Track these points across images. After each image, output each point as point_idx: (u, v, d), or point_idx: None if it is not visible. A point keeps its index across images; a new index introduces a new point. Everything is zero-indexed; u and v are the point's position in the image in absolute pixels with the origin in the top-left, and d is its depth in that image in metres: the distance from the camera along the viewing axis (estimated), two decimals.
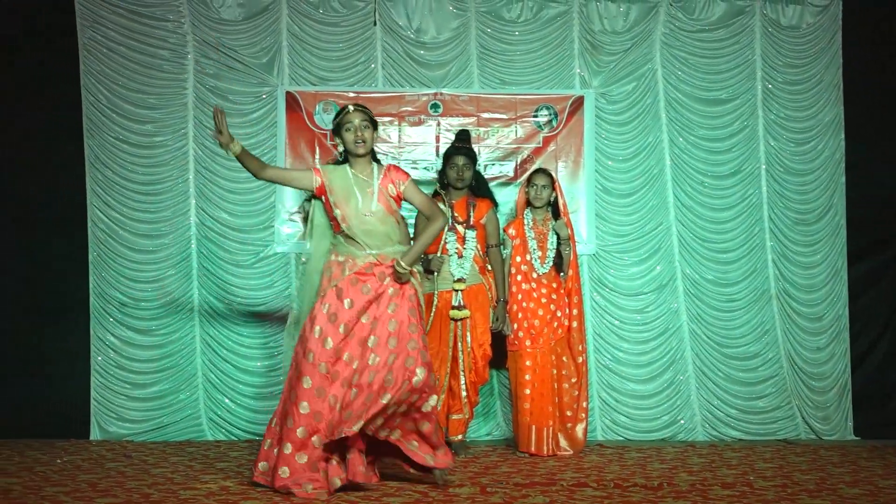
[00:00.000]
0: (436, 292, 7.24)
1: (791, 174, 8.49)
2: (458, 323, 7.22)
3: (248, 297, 8.18)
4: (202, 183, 8.18)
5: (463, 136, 7.45)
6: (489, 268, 7.36)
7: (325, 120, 8.21)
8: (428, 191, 7.77)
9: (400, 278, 5.78)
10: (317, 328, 5.66)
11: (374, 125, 5.99)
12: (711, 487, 5.75)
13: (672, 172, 8.42)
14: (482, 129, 8.23)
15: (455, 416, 7.28)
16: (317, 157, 8.19)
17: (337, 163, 6.09)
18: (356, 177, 5.90)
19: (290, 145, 8.20)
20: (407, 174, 6.03)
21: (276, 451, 5.61)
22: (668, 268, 8.39)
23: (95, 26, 8.13)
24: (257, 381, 8.14)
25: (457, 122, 8.20)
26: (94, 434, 7.95)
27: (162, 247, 8.16)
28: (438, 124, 8.29)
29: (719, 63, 8.49)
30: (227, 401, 8.09)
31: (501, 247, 7.38)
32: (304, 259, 6.71)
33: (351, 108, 5.93)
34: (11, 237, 8.08)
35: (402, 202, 6.01)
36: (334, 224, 5.89)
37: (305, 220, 8.04)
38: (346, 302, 5.69)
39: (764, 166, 8.47)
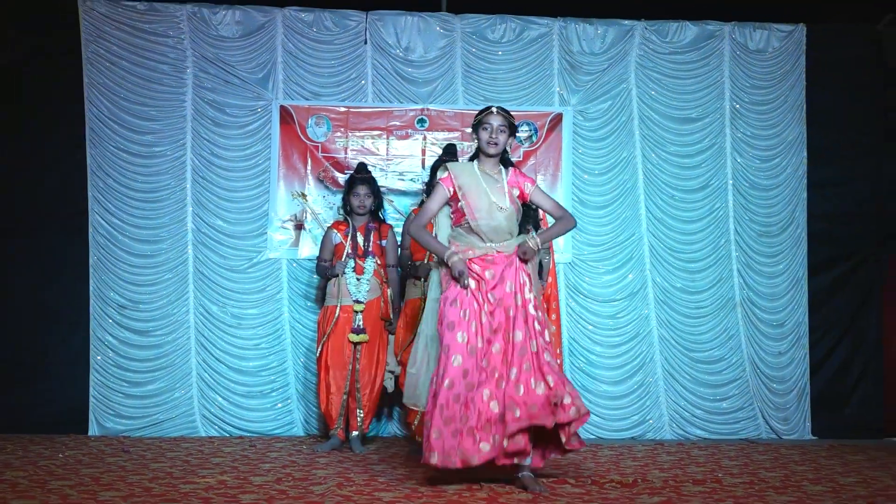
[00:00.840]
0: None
1: (756, 189, 8.53)
2: None
3: (241, 300, 8.17)
4: (199, 191, 8.15)
5: (450, 150, 7.44)
6: None
7: (316, 133, 8.21)
8: (414, 202, 7.82)
9: (527, 253, 5.72)
10: None
11: (513, 131, 5.84)
12: (683, 484, 5.76)
13: (644, 186, 8.45)
14: (466, 144, 8.21)
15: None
16: (308, 167, 8.19)
17: (469, 159, 5.99)
18: (484, 174, 5.80)
19: (283, 156, 8.19)
20: (533, 179, 5.99)
21: None
22: (639, 276, 8.41)
23: (99, 41, 8.11)
24: (249, 381, 8.12)
25: (442, 137, 8.21)
26: (93, 430, 7.91)
27: (160, 252, 8.13)
28: (425, 138, 8.29)
29: (690, 83, 8.53)
30: (219, 399, 8.05)
31: None
32: None
33: (494, 109, 5.80)
34: (16, 241, 8.05)
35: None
36: (456, 216, 5.82)
37: (297, 227, 8.07)
38: None
39: (731, 181, 8.51)
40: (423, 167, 8.16)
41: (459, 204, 5.75)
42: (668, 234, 8.44)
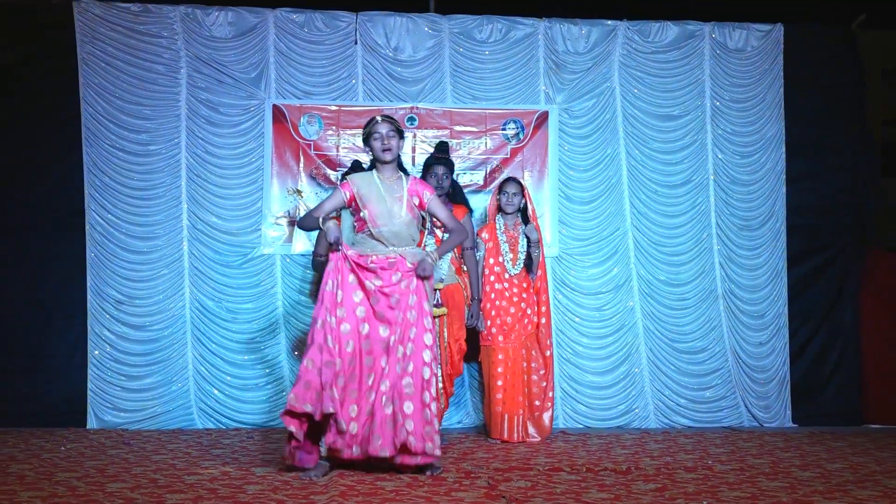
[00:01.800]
0: None
1: (736, 184, 8.53)
2: (437, 320, 7.16)
3: (236, 295, 8.10)
4: (193, 188, 8.08)
5: (442, 148, 7.43)
6: (464, 269, 7.31)
7: (308, 131, 8.15)
8: None
9: (426, 270, 5.79)
10: None
11: (401, 135, 5.95)
12: (675, 471, 5.75)
13: (628, 182, 8.43)
14: (455, 141, 8.18)
15: None
16: (301, 165, 8.12)
17: (364, 170, 6.06)
18: (384, 182, 5.86)
19: (276, 154, 8.12)
20: (432, 188, 6.08)
21: None
22: (624, 269, 8.39)
23: (94, 42, 8.01)
24: (244, 374, 8.05)
25: (431, 135, 8.17)
26: (91, 423, 7.82)
27: (155, 248, 8.05)
28: (414, 136, 8.24)
29: (672, 82, 8.51)
30: (215, 392, 7.98)
31: (475, 249, 7.33)
32: None
33: (379, 118, 5.90)
34: (15, 239, 7.94)
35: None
36: (359, 224, 5.88)
37: (291, 224, 8.00)
38: None
39: (712, 177, 8.50)
40: (414, 164, 8.11)
41: (361, 213, 5.83)
42: (652, 228, 8.42)
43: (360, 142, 8.08)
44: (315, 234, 7.39)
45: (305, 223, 5.97)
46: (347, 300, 5.69)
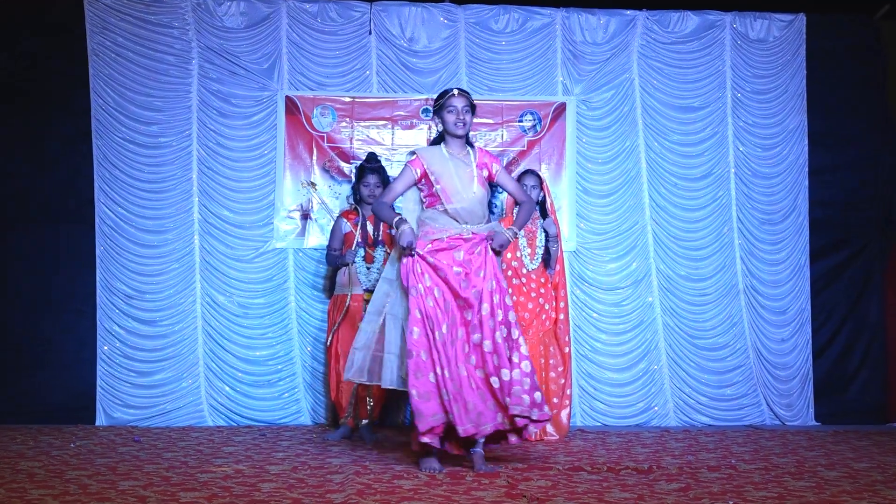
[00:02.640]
0: None
1: (758, 177, 8.44)
2: None
3: (247, 289, 8.04)
4: (205, 181, 8.02)
5: None
6: None
7: (322, 123, 8.08)
8: None
9: (503, 245, 5.79)
10: None
11: (474, 110, 5.90)
12: (699, 470, 5.66)
13: (647, 175, 8.35)
14: (471, 133, 8.07)
15: None
16: (314, 157, 8.06)
17: (433, 143, 6.03)
18: (453, 157, 5.81)
19: (289, 146, 8.05)
20: (499, 159, 6.07)
21: None
22: (643, 264, 8.31)
23: (105, 32, 7.96)
24: (256, 370, 7.99)
25: None
26: (100, 420, 7.77)
27: (166, 242, 8.00)
28: (429, 128, 8.15)
29: (692, 73, 8.43)
30: (227, 388, 7.93)
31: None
32: None
33: (455, 91, 5.83)
34: (24, 232, 7.92)
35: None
36: (430, 200, 5.81)
37: (304, 217, 7.94)
38: None
39: (733, 170, 8.41)
40: None
41: (434, 188, 5.74)
42: (672, 222, 8.33)
43: (374, 133, 8.07)
44: (330, 227, 7.33)
45: (382, 213, 5.86)
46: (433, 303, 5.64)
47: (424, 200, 5.83)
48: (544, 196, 7.33)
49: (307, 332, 8.01)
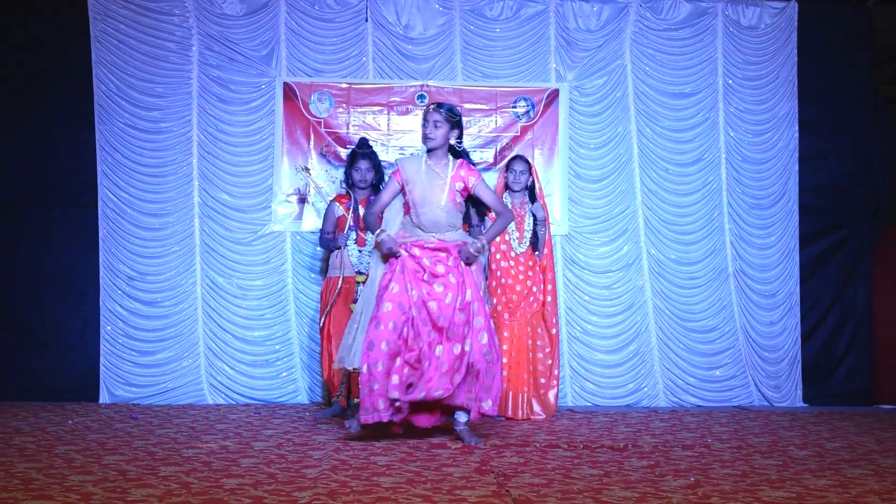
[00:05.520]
0: None
1: (748, 163, 8.49)
2: None
3: (246, 272, 8.17)
4: (205, 166, 8.15)
5: None
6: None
7: (319, 109, 8.19)
8: None
9: (470, 258, 5.94)
10: None
11: (453, 125, 6.01)
12: (673, 448, 5.77)
13: (639, 160, 8.41)
14: (465, 119, 8.13)
15: None
16: (311, 143, 8.17)
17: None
18: (429, 168, 6.01)
19: (286, 132, 8.17)
20: (478, 173, 6.15)
21: None
22: (634, 248, 8.39)
23: (107, 20, 8.09)
24: (254, 350, 8.13)
25: None
26: (104, 398, 7.93)
27: (167, 225, 8.13)
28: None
29: (684, 60, 8.47)
30: (226, 367, 8.07)
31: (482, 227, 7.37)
32: None
33: (433, 106, 6.03)
34: (28, 216, 8.07)
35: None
36: (405, 207, 6.03)
37: (301, 201, 8.06)
38: None
39: (723, 155, 8.47)
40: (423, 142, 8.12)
41: (407, 197, 5.97)
42: (663, 206, 8.40)
43: (370, 119, 8.21)
44: (322, 211, 7.46)
45: (369, 223, 6.16)
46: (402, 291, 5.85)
47: (403, 208, 6.07)
48: (533, 181, 7.43)
49: (304, 314, 8.15)
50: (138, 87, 8.11)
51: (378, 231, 5.94)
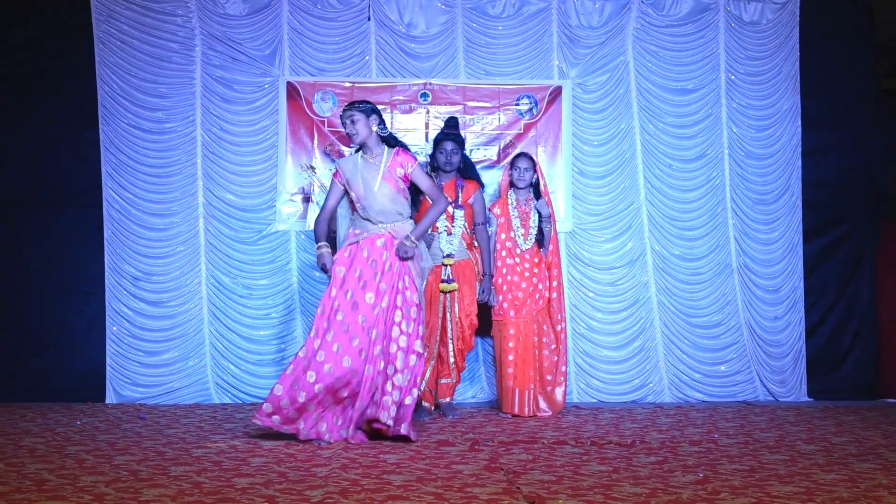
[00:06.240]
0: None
1: (752, 158, 8.51)
2: (447, 295, 7.22)
3: (251, 271, 8.18)
4: (209, 166, 8.16)
5: (451, 123, 7.45)
6: (476, 244, 7.36)
7: (322, 108, 8.20)
8: None
9: (406, 252, 6.01)
10: None
11: (368, 113, 6.17)
12: (680, 444, 5.79)
13: (643, 156, 8.42)
14: (468, 117, 8.22)
15: (444, 381, 7.27)
16: (315, 142, 8.18)
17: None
18: (365, 162, 6.10)
19: (290, 131, 8.18)
20: (415, 158, 6.29)
21: None
22: (638, 244, 8.41)
23: (110, 20, 8.10)
24: (261, 349, 8.14)
25: (444, 110, 8.20)
26: (110, 398, 7.95)
27: (172, 225, 8.14)
28: (428, 112, 8.28)
29: (686, 56, 8.48)
30: (232, 367, 8.09)
31: (487, 224, 7.39)
32: None
33: (341, 110, 6.23)
34: (33, 217, 8.09)
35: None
36: (351, 205, 6.16)
37: (305, 200, 8.08)
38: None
39: (727, 151, 8.49)
40: (427, 140, 8.15)
41: (350, 195, 6.14)
42: (666, 202, 8.42)
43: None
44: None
45: (315, 230, 6.32)
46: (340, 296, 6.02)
47: (350, 206, 6.24)
48: (538, 178, 7.44)
49: (310, 312, 8.14)
50: (142, 88, 8.12)
51: (317, 245, 6.19)
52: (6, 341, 8.01)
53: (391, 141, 6.31)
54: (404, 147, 6.37)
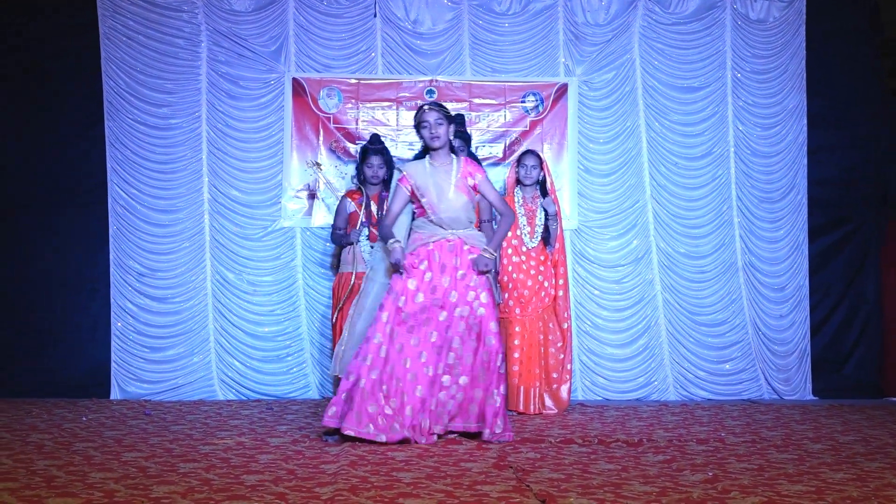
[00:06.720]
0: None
1: (757, 156, 8.52)
2: None
3: (256, 267, 8.21)
4: (214, 162, 8.17)
5: (459, 120, 7.45)
6: None
7: (328, 104, 8.21)
8: None
9: (486, 265, 5.93)
10: None
11: (450, 120, 6.00)
12: (687, 443, 5.77)
13: (648, 154, 8.44)
14: (474, 114, 8.22)
15: None
16: (320, 138, 8.19)
17: (416, 157, 6.28)
18: (435, 169, 5.98)
19: (295, 128, 8.19)
20: (483, 169, 6.17)
21: None
22: (643, 242, 8.41)
23: (115, 17, 8.12)
24: (265, 346, 8.17)
25: (450, 107, 8.06)
26: (115, 394, 7.96)
27: (177, 221, 8.16)
28: None
29: (692, 54, 8.50)
30: (237, 363, 8.10)
31: (493, 222, 7.38)
32: None
33: (426, 107, 5.98)
34: (38, 213, 8.11)
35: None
36: (419, 211, 6.01)
37: (311, 197, 8.07)
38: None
39: (732, 149, 8.49)
40: None
41: (422, 201, 5.94)
42: (672, 200, 8.43)
43: (379, 114, 8.19)
44: (335, 206, 7.50)
45: (383, 234, 6.07)
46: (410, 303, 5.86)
47: (416, 211, 6.06)
48: (544, 175, 7.43)
49: (314, 309, 8.17)
50: (147, 84, 8.14)
51: (391, 241, 5.91)
52: (11, 337, 8.03)
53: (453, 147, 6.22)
54: (473, 155, 6.30)
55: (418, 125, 5.99)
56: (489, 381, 5.84)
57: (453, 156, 6.06)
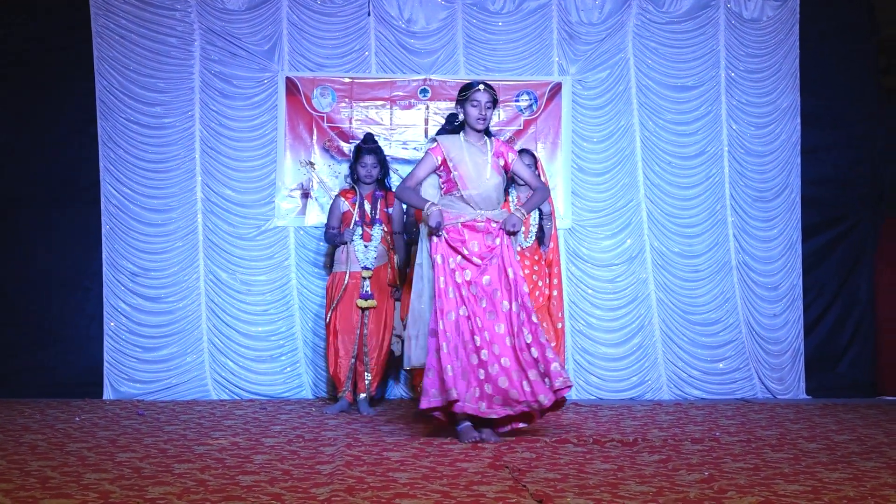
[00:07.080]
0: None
1: (751, 155, 8.52)
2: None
3: (250, 267, 8.18)
4: (207, 161, 8.15)
5: (452, 119, 7.35)
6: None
7: (322, 103, 8.19)
8: None
9: (515, 226, 5.92)
10: None
11: (495, 105, 6.05)
12: (682, 442, 5.77)
13: (642, 153, 8.43)
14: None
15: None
16: (314, 137, 8.17)
17: (450, 132, 6.25)
18: (470, 145, 5.99)
19: (289, 127, 8.16)
20: (514, 150, 6.28)
21: None
22: (637, 241, 8.41)
23: (108, 15, 8.08)
24: (258, 345, 8.14)
25: (444, 106, 8.18)
26: (107, 394, 7.93)
27: (170, 220, 8.13)
28: (427, 108, 8.28)
29: (686, 53, 8.49)
30: (230, 363, 8.08)
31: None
32: None
33: (482, 87, 5.96)
34: (30, 212, 8.08)
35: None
36: (448, 185, 5.99)
37: (304, 196, 8.06)
38: None
39: (726, 148, 8.49)
40: (426, 136, 8.15)
41: (452, 174, 5.91)
42: (666, 199, 8.42)
43: (373, 113, 8.17)
44: (329, 205, 7.49)
45: (409, 198, 6.07)
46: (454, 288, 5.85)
47: (442, 186, 6.02)
48: (539, 175, 7.42)
49: (308, 309, 8.15)
50: (140, 83, 8.11)
51: (428, 204, 5.86)
52: (4, 337, 7.99)
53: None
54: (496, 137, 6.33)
55: (465, 101, 5.96)
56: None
57: (485, 136, 6.08)
